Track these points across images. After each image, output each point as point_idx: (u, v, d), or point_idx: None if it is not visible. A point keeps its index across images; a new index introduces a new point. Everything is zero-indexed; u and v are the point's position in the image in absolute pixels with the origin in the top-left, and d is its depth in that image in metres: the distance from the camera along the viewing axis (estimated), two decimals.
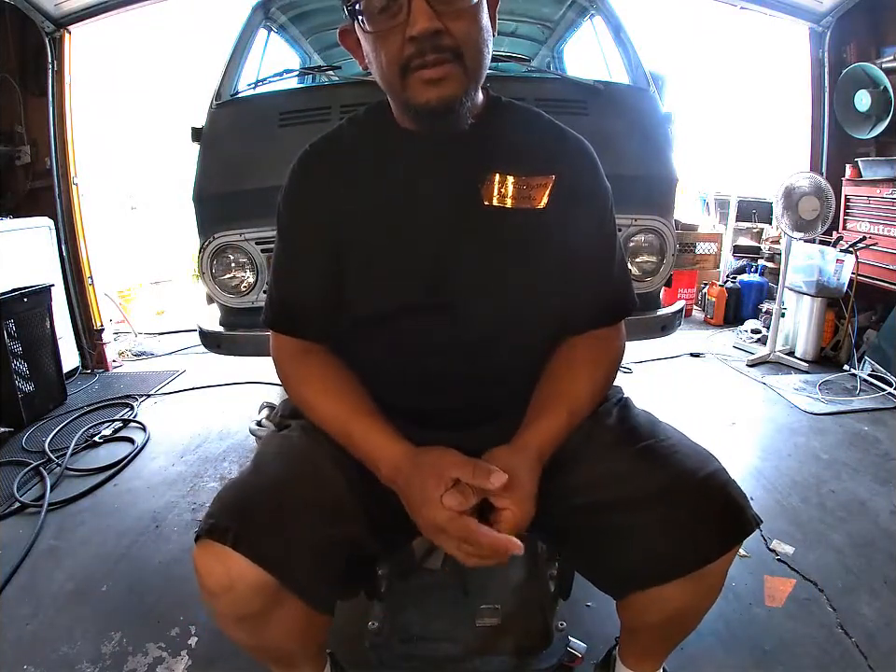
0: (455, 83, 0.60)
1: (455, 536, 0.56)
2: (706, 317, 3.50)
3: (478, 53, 0.61)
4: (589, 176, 0.71)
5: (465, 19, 0.58)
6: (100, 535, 1.48)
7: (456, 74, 0.59)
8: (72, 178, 2.73)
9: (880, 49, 2.68)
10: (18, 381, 2.08)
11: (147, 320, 3.75)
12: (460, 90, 0.60)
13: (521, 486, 0.59)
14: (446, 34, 0.57)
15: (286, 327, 0.73)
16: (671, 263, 1.44)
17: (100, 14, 2.60)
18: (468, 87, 0.61)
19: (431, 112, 0.61)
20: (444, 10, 0.57)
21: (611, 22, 1.75)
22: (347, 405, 0.67)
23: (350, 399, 0.68)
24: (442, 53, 0.58)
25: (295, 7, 2.00)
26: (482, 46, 0.61)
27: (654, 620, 0.69)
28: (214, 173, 1.43)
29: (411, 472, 0.61)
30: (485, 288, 0.68)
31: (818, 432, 1.97)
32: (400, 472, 0.62)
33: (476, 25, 0.60)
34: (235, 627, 0.61)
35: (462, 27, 0.58)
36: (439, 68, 0.58)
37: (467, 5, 0.58)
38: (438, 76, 0.59)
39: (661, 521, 0.60)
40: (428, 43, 0.57)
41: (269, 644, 0.65)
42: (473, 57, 0.60)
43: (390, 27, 0.58)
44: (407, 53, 0.58)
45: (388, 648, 0.89)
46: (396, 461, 0.63)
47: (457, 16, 0.58)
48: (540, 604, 0.95)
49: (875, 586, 1.22)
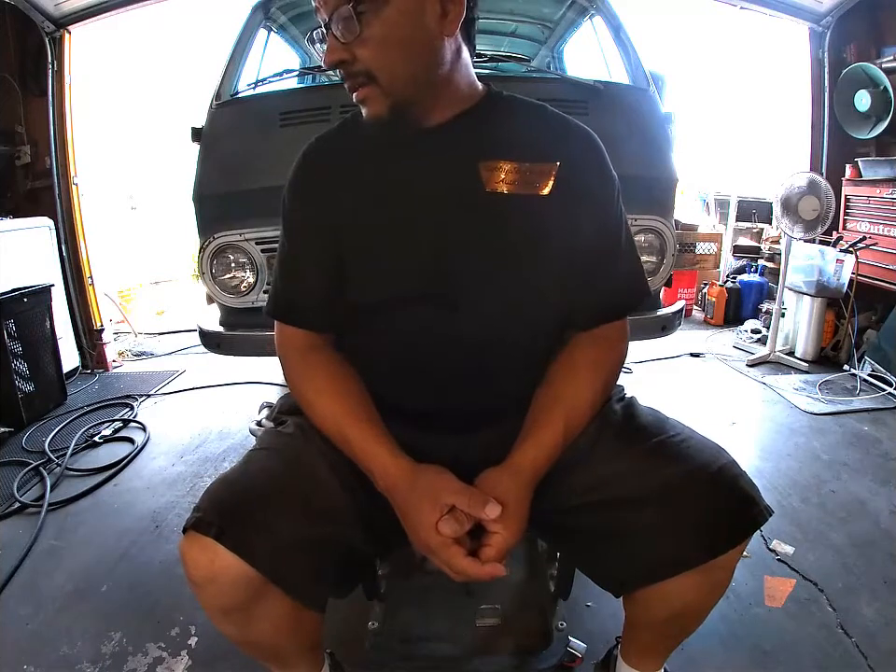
0: (376, 102, 0.64)
1: (443, 560, 0.59)
2: (706, 317, 3.50)
3: (391, 73, 0.62)
4: (595, 165, 0.70)
5: (370, 45, 0.61)
6: (100, 535, 1.48)
7: (374, 95, 0.63)
8: (72, 178, 2.74)
9: (880, 49, 2.68)
10: (18, 381, 2.08)
11: (147, 320, 3.75)
12: (383, 108, 0.64)
13: (512, 512, 0.60)
14: (354, 61, 0.62)
15: (289, 317, 0.74)
16: (671, 263, 1.44)
17: (100, 14, 2.61)
18: (390, 103, 0.64)
19: (375, 125, 0.65)
20: (347, 40, 0.60)
21: (611, 22, 1.75)
22: (346, 407, 0.67)
23: (350, 401, 0.68)
24: (355, 79, 0.63)
25: (295, 6, 1.99)
26: (395, 65, 0.62)
27: (660, 615, 0.69)
28: (214, 173, 1.43)
29: (407, 492, 0.62)
30: (487, 277, 0.67)
31: (818, 432, 1.97)
32: (397, 489, 0.62)
33: (384, 47, 0.61)
34: (223, 620, 0.62)
35: (367, 53, 0.61)
36: (358, 91, 0.64)
37: (367, 33, 0.60)
38: (359, 98, 0.65)
39: (673, 515, 0.60)
40: (342, 72, 0.63)
41: (257, 639, 0.65)
42: (388, 77, 0.62)
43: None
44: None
45: (388, 648, 0.89)
46: (392, 476, 0.63)
47: (360, 44, 0.61)
48: (540, 604, 0.95)
49: (874, 586, 1.22)
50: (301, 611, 0.63)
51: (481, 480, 0.63)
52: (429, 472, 0.63)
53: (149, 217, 5.32)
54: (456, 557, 0.58)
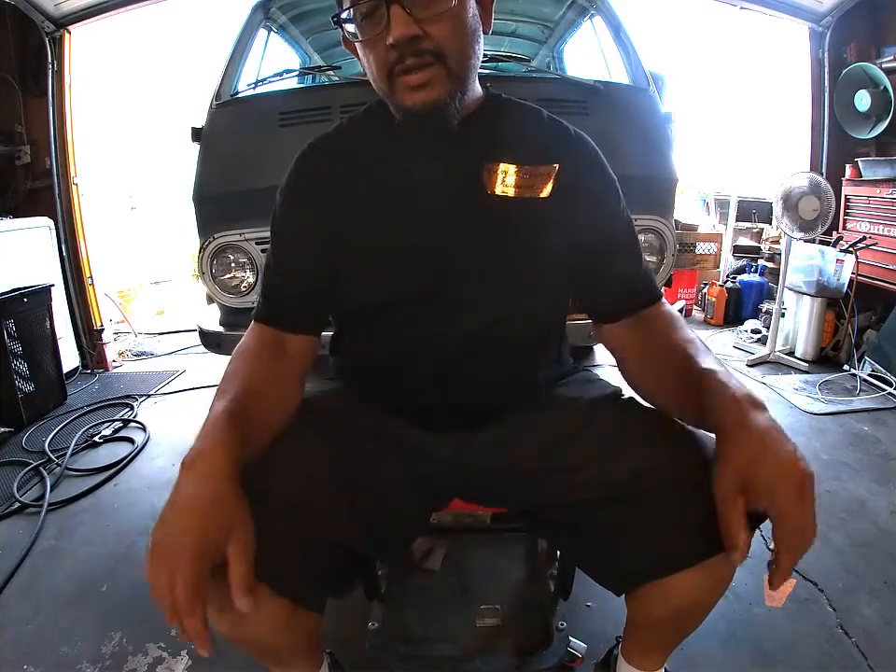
0: (439, 86, 0.60)
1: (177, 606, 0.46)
2: (706, 317, 3.50)
3: (461, 54, 0.61)
4: (593, 167, 0.71)
5: (445, 21, 0.59)
6: (100, 535, 1.48)
7: (440, 77, 0.60)
8: (72, 178, 2.73)
9: (880, 49, 2.68)
10: (18, 381, 2.08)
11: (146, 320, 3.75)
12: (444, 92, 0.61)
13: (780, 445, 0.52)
14: (425, 38, 0.58)
15: (269, 319, 0.70)
16: (671, 263, 1.44)
17: (100, 14, 2.60)
18: (452, 88, 0.61)
19: (418, 115, 0.62)
20: (423, 15, 0.58)
21: (611, 22, 1.75)
22: (230, 401, 0.59)
23: (239, 399, 0.60)
24: (422, 57, 0.59)
25: (295, 6, 2.00)
26: (465, 47, 0.61)
27: (663, 612, 0.68)
28: (214, 173, 1.43)
29: (203, 484, 0.51)
30: (487, 278, 0.67)
31: (818, 432, 1.97)
32: (198, 472, 0.51)
33: (458, 27, 0.60)
34: (219, 619, 0.59)
35: (442, 30, 0.59)
36: (421, 73, 0.59)
37: (445, 7, 0.58)
38: (420, 80, 0.60)
39: (674, 511, 0.60)
40: (408, 48, 0.58)
41: (253, 637, 0.64)
42: (456, 58, 0.61)
43: (374, 35, 0.59)
44: (390, 59, 0.59)
45: (388, 648, 0.88)
46: (206, 459, 0.52)
47: (437, 20, 0.58)
48: (540, 604, 0.95)
49: (875, 586, 1.22)
50: (298, 611, 0.62)
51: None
52: (240, 506, 0.52)
53: (149, 216, 5.33)
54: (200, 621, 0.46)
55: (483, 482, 0.76)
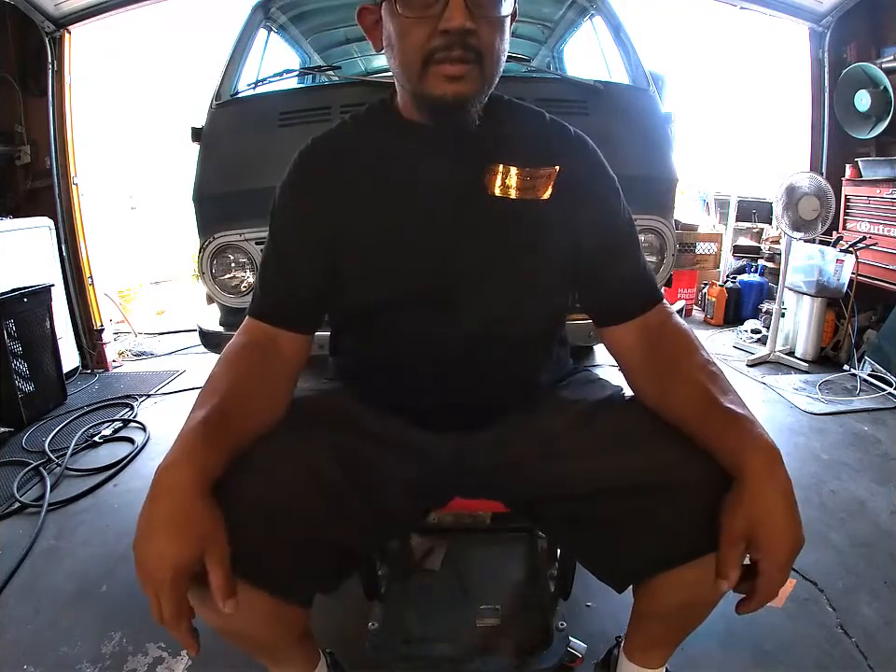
0: (472, 83, 0.62)
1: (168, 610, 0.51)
2: (706, 317, 3.50)
3: (496, 61, 0.63)
4: (593, 168, 0.72)
5: (493, 26, 0.61)
6: (100, 535, 1.48)
7: (475, 75, 0.61)
8: (72, 178, 2.73)
9: (880, 49, 2.68)
10: (18, 381, 2.08)
11: (147, 320, 3.74)
12: (475, 89, 0.62)
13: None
14: (475, 35, 0.60)
15: (264, 315, 0.70)
16: (671, 263, 1.44)
17: (100, 14, 2.60)
18: (482, 88, 0.63)
19: (445, 106, 0.62)
20: (478, 13, 0.59)
21: (611, 22, 1.75)
22: (208, 409, 0.59)
23: (218, 405, 0.59)
24: (467, 52, 0.60)
25: (295, 6, 2.00)
26: (501, 55, 0.64)
27: (669, 605, 0.68)
28: (214, 173, 1.43)
29: (180, 491, 0.52)
30: (488, 279, 0.68)
31: (818, 432, 1.97)
32: (172, 490, 0.52)
33: (502, 35, 0.62)
34: (203, 609, 0.57)
35: (489, 33, 0.61)
36: (460, 66, 0.60)
37: (497, 14, 0.61)
38: (458, 73, 0.60)
39: (676, 504, 0.60)
40: (459, 39, 0.59)
41: (240, 631, 0.64)
42: (492, 63, 0.62)
43: (423, 16, 0.60)
44: (434, 44, 0.60)
45: (388, 648, 0.89)
46: (179, 472, 0.53)
47: (488, 22, 0.60)
48: (540, 604, 0.95)
49: (874, 586, 1.22)
50: (282, 606, 0.61)
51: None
52: (219, 525, 0.53)
53: (149, 216, 5.33)
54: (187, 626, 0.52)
55: (484, 481, 0.76)
